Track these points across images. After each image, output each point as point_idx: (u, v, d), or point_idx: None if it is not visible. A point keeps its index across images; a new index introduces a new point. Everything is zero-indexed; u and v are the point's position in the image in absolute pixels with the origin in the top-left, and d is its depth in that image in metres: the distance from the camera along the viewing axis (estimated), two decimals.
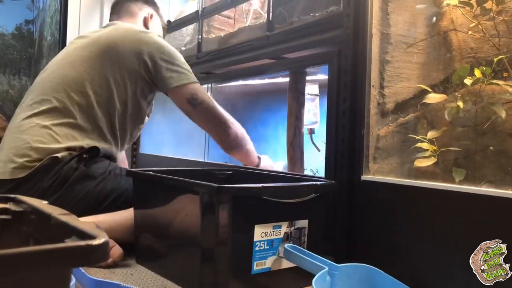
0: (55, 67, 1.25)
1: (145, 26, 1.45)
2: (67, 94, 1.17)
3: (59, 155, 1.09)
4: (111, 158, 1.22)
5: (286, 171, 1.41)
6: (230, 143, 1.30)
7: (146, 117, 1.37)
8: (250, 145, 1.33)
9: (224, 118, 1.28)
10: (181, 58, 1.29)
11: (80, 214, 1.04)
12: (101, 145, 1.18)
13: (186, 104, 1.26)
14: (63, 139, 1.12)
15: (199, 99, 1.26)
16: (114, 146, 1.25)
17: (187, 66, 1.30)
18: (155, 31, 1.44)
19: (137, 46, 1.24)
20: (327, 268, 0.75)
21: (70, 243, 0.33)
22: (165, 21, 1.61)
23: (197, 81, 1.29)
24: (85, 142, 1.15)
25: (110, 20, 1.47)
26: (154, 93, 1.33)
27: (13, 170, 1.08)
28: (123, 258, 0.99)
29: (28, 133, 1.12)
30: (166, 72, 1.25)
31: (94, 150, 1.14)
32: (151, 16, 1.49)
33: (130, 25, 1.35)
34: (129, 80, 1.23)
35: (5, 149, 1.13)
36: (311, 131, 1.44)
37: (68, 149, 1.12)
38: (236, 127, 1.30)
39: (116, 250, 0.98)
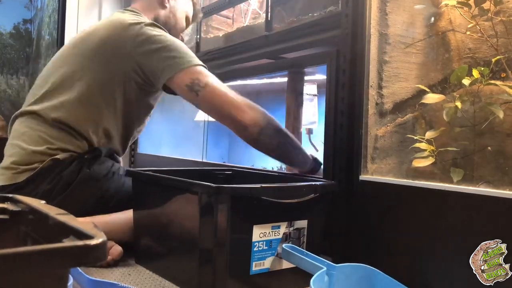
0: (51, 65, 1.21)
1: (161, 5, 1.26)
2: (59, 93, 1.11)
3: (59, 156, 1.06)
4: (114, 157, 1.17)
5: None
6: (249, 133, 1.01)
7: (147, 119, 1.27)
8: (289, 142, 1.05)
9: (236, 102, 1.02)
10: (175, 43, 1.08)
11: (83, 217, 1.02)
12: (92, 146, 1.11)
13: (187, 92, 1.04)
14: (56, 141, 1.08)
15: (202, 83, 1.03)
16: (111, 145, 1.19)
17: (184, 49, 1.08)
18: (179, 8, 1.28)
19: (122, 46, 1.09)
20: (325, 268, 0.75)
21: (67, 243, 0.33)
22: None
23: (200, 63, 1.07)
24: (76, 143, 1.09)
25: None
26: (154, 94, 1.20)
27: (14, 175, 1.06)
28: (122, 258, 0.99)
29: (23, 139, 1.09)
30: (158, 63, 1.06)
31: (96, 151, 1.11)
32: None
33: (121, 17, 1.16)
34: (117, 82, 1.11)
35: (6, 156, 1.12)
36: (309, 131, 1.44)
37: (63, 150, 1.08)
38: (257, 113, 1.02)
39: (115, 249, 0.98)
